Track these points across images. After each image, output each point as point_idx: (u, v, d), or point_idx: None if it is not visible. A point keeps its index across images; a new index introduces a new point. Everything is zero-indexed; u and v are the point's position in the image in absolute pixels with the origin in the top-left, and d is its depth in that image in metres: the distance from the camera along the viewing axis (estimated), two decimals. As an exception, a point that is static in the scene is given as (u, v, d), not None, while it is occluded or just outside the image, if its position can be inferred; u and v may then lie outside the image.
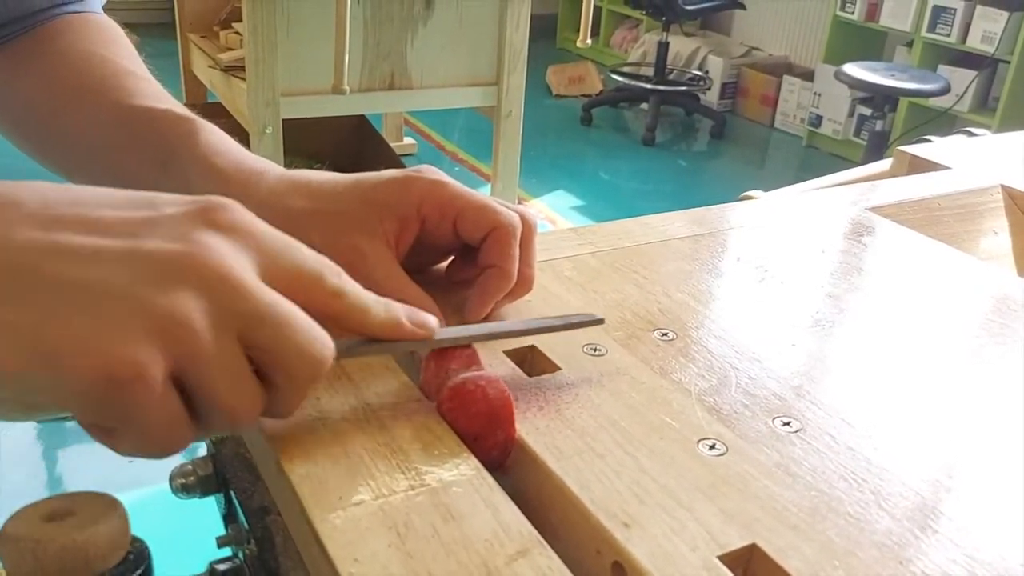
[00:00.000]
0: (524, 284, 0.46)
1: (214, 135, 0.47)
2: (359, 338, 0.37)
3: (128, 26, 0.60)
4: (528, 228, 0.46)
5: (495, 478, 0.35)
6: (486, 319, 0.46)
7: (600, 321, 0.44)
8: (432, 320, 0.39)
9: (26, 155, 0.57)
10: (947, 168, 0.79)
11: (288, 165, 0.47)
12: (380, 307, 0.36)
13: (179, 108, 0.49)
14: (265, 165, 0.46)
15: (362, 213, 0.43)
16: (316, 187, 0.44)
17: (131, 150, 0.49)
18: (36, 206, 0.29)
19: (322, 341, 0.32)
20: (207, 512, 0.48)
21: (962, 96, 3.41)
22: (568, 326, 0.44)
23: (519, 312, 0.48)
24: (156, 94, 0.51)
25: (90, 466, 1.69)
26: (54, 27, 0.55)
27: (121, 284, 0.28)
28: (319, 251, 0.43)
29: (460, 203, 0.44)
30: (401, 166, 2.57)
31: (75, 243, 0.29)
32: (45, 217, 0.29)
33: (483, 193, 0.46)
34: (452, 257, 0.49)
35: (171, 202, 0.32)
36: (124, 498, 0.33)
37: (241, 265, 0.31)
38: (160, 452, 0.31)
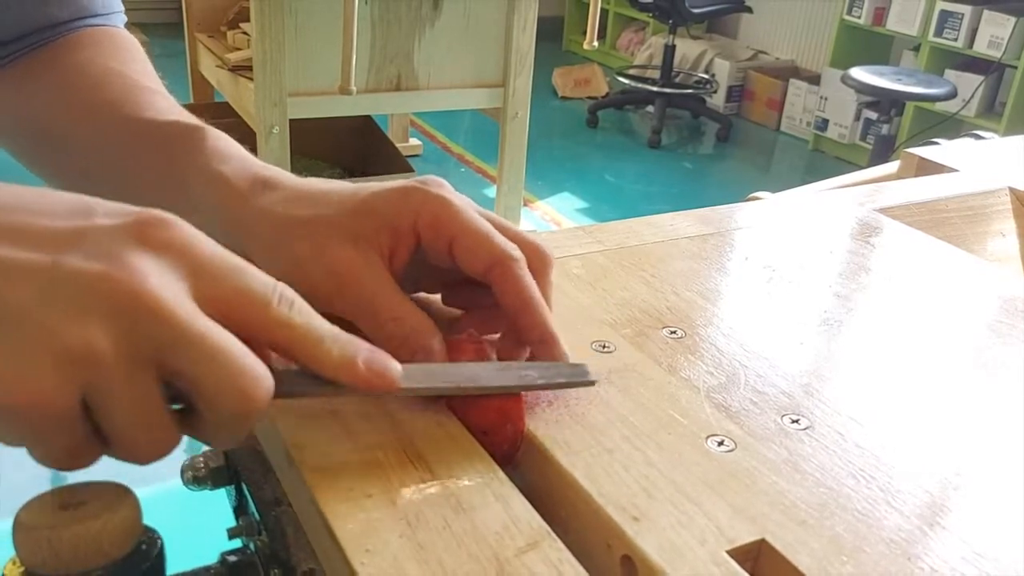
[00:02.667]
0: None
1: (221, 141, 0.45)
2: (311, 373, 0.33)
3: (136, 26, 0.60)
4: (541, 261, 0.41)
5: (505, 472, 0.35)
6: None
7: (592, 383, 0.40)
8: (393, 370, 0.34)
9: (41, 178, 0.55)
10: (955, 171, 0.79)
11: (295, 165, 0.45)
12: (335, 343, 0.32)
13: (188, 118, 0.47)
14: (271, 172, 0.44)
15: (356, 223, 0.39)
16: (315, 196, 0.41)
17: (141, 164, 0.47)
18: None
19: (254, 375, 0.30)
20: (217, 506, 0.48)
21: (969, 101, 3.41)
22: (555, 386, 0.40)
23: None
24: (168, 108, 0.49)
25: (95, 464, 1.69)
26: (73, 40, 0.54)
27: (32, 308, 0.27)
28: (307, 261, 0.39)
29: (457, 227, 0.39)
30: (407, 167, 2.58)
31: None
32: None
33: (493, 217, 0.42)
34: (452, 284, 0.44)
35: (107, 212, 0.30)
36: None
37: (165, 287, 0.29)
38: (67, 469, 0.30)
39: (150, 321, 0.28)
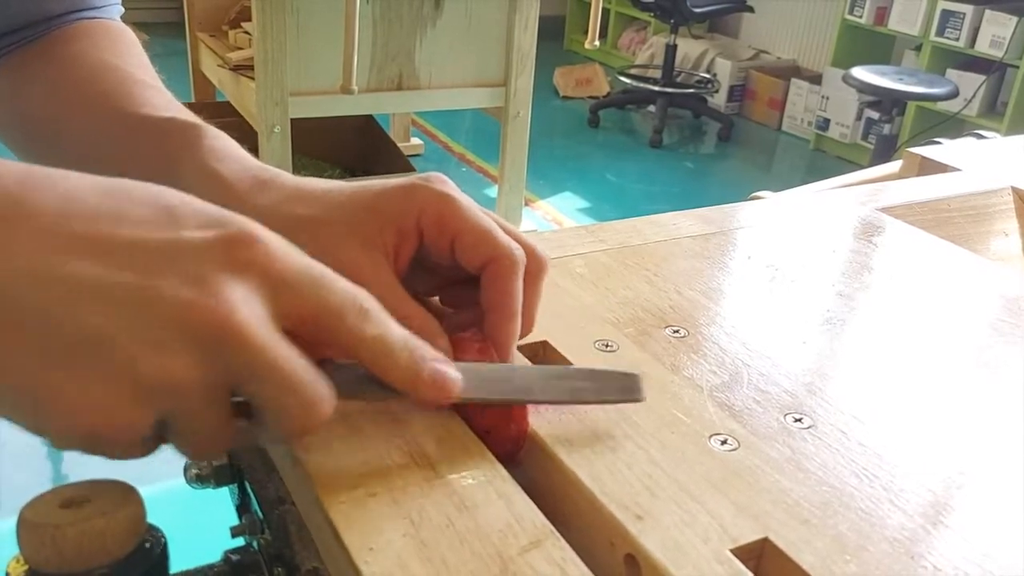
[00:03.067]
0: (523, 327, 0.41)
1: (219, 140, 0.45)
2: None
3: (138, 25, 0.59)
4: (537, 265, 0.42)
5: (508, 470, 0.35)
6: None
7: (642, 400, 0.39)
8: (454, 382, 0.35)
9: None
10: (957, 170, 0.79)
11: (296, 164, 0.45)
12: (403, 352, 0.34)
13: (185, 115, 0.47)
14: (271, 173, 0.43)
15: (361, 223, 0.40)
16: (317, 195, 0.41)
17: (137, 160, 0.46)
18: (51, 218, 0.28)
19: (319, 401, 0.31)
20: (221, 504, 0.48)
21: (970, 100, 3.40)
22: (606, 401, 0.40)
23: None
24: (165, 104, 0.49)
25: (97, 463, 1.69)
26: (68, 33, 0.54)
27: (118, 335, 0.27)
28: None
29: (460, 224, 0.40)
30: (408, 167, 2.58)
31: (84, 278, 0.27)
32: (58, 236, 0.27)
33: (495, 217, 0.42)
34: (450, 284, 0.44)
35: (194, 222, 0.30)
36: (136, 491, 0.33)
37: (251, 317, 0.29)
38: (126, 459, 0.31)
39: (234, 351, 0.29)
